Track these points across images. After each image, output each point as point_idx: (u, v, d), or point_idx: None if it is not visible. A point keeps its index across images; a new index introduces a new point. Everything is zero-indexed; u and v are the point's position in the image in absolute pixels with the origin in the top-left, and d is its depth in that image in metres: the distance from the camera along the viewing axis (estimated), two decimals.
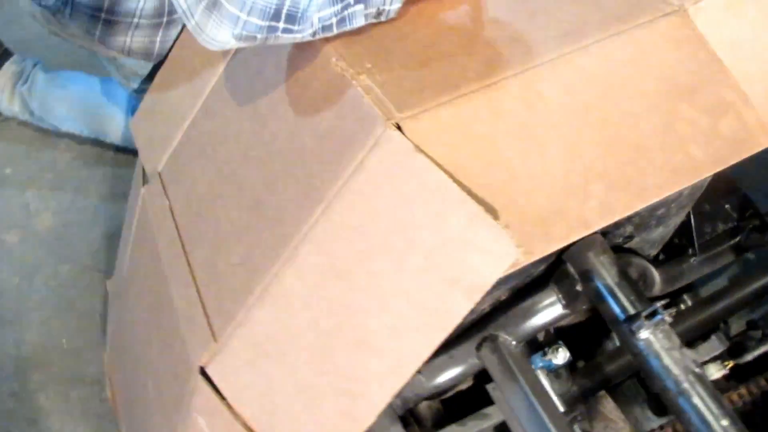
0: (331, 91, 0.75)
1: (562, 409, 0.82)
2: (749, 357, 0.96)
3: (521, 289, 0.91)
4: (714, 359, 0.97)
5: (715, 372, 0.97)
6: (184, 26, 1.12)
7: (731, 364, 0.97)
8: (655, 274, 0.97)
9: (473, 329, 0.91)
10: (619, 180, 0.67)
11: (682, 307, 1.06)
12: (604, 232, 0.90)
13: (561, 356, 0.85)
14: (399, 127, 0.65)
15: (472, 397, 0.99)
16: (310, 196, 0.72)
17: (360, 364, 0.68)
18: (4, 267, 1.52)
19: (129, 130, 1.52)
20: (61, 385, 1.36)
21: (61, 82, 1.54)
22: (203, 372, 0.78)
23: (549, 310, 0.86)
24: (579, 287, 0.79)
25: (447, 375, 0.92)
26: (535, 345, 0.97)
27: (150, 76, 1.21)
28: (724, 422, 0.67)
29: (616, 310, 0.74)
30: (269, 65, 0.86)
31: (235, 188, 0.85)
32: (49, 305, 1.46)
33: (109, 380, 1.32)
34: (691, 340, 0.97)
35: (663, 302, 0.70)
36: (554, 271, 0.88)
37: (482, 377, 0.94)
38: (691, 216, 1.02)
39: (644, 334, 0.69)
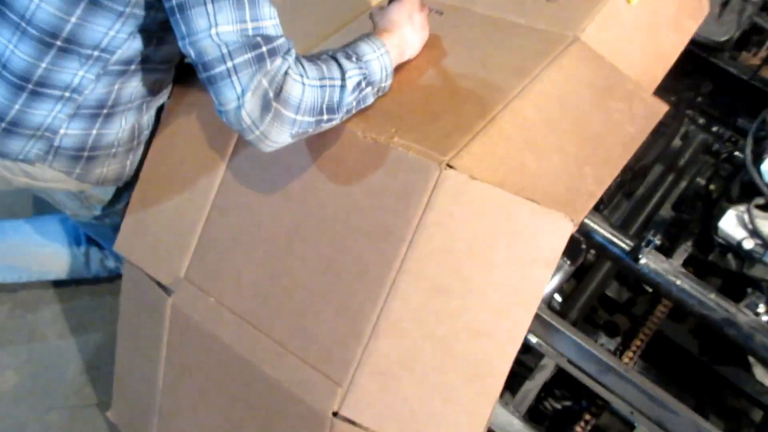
0: (370, 158, 0.93)
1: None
2: None
3: None
4: None
5: None
6: (147, 145, 1.20)
7: None
8: None
9: None
10: (597, 160, 0.94)
11: None
12: None
13: None
14: (450, 166, 0.87)
15: None
16: (388, 240, 0.90)
17: (480, 349, 0.86)
18: None
19: (72, 260, 1.52)
20: None
21: None
22: (335, 415, 0.91)
23: (560, 272, 1.12)
24: (583, 245, 1.06)
25: None
26: None
27: (110, 201, 1.26)
28: (711, 296, 0.98)
29: (617, 250, 1.02)
30: (284, 155, 1.01)
31: (297, 261, 0.98)
32: None
33: None
34: None
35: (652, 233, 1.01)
36: None
37: None
38: None
39: (644, 259, 0.98)
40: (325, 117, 0.88)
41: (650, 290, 1.32)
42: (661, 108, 1.03)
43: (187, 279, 1.11)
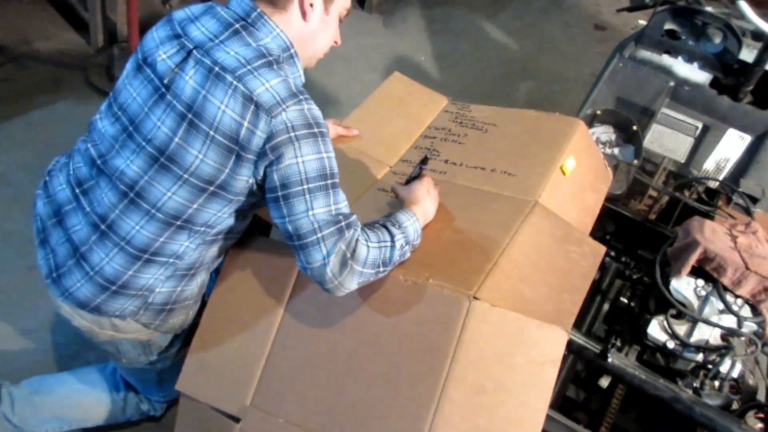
0: (411, 296, 1.26)
1: None
2: None
3: None
4: None
5: None
6: (203, 299, 1.45)
7: None
8: None
9: None
10: (569, 287, 1.32)
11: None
12: None
13: None
14: (476, 298, 1.21)
15: None
16: (435, 355, 1.20)
17: (506, 419, 1.16)
18: None
19: (113, 406, 1.66)
20: None
21: (44, 388, 1.59)
22: None
23: None
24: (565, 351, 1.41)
25: None
26: None
27: (167, 347, 1.47)
28: (661, 381, 1.36)
29: (590, 353, 1.39)
30: (339, 299, 1.31)
31: (358, 379, 1.25)
32: None
33: None
34: None
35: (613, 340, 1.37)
36: None
37: None
38: None
39: (611, 358, 1.34)
40: (381, 269, 1.21)
41: (605, 387, 1.67)
42: (601, 248, 1.46)
43: (254, 405, 1.33)
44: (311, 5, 1.22)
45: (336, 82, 3.58)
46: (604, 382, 1.68)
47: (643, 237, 2.06)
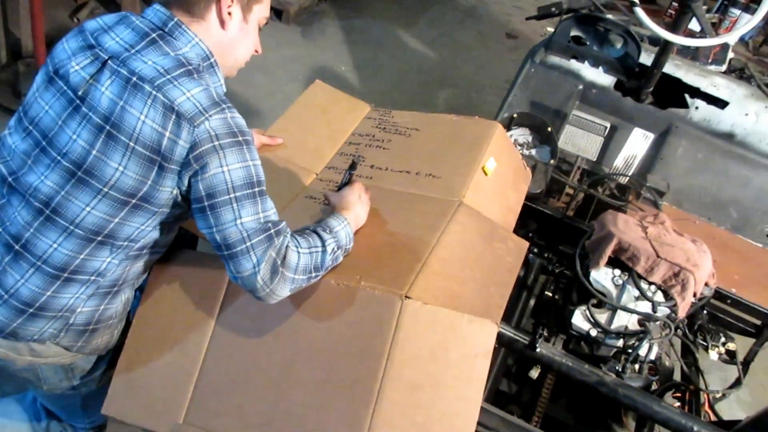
0: (344, 299, 1.26)
1: None
2: None
3: None
4: None
5: None
6: (129, 317, 1.40)
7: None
8: None
9: None
10: (496, 282, 1.37)
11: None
12: None
13: None
14: (408, 297, 1.23)
15: None
16: (371, 356, 1.21)
17: (449, 428, 1.18)
18: None
19: None
20: None
21: None
22: None
23: None
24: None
25: None
26: None
27: (90, 370, 1.41)
28: (586, 366, 1.42)
29: (520, 344, 1.43)
30: (270, 307, 1.30)
31: (295, 386, 1.24)
32: None
33: None
34: None
35: (540, 330, 1.43)
36: None
37: None
38: None
39: (539, 348, 1.40)
40: (313, 274, 1.21)
41: (535, 378, 1.73)
42: (525, 244, 1.52)
43: (187, 423, 1.29)
44: (229, 14, 1.21)
45: (257, 94, 3.55)
46: (534, 373, 1.75)
47: (563, 233, 2.15)
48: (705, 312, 1.94)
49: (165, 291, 1.41)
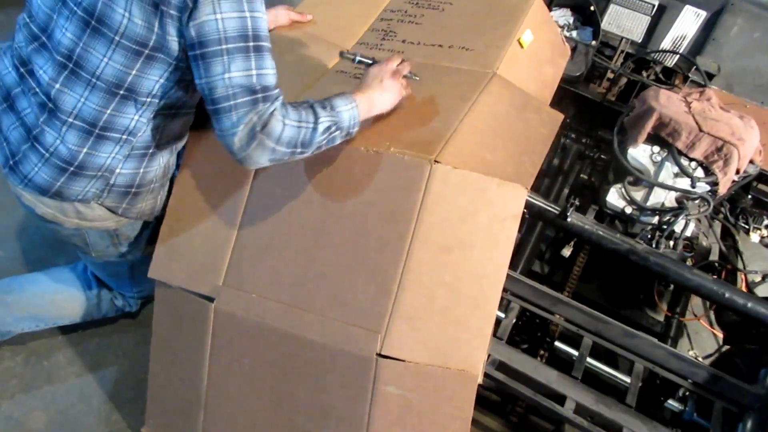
0: (374, 165, 1.27)
1: None
2: None
3: None
4: None
5: None
6: (171, 182, 1.44)
7: None
8: None
9: None
10: (528, 151, 1.35)
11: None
12: None
13: None
14: (437, 161, 1.22)
15: None
16: (400, 219, 1.22)
17: (477, 287, 1.20)
18: None
19: (87, 303, 1.67)
20: None
21: (16, 288, 1.59)
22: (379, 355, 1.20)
23: None
24: (526, 214, 1.45)
25: None
26: None
27: (136, 237, 1.47)
28: (618, 236, 1.41)
29: (551, 214, 1.43)
30: (301, 174, 1.32)
31: (327, 249, 1.27)
32: None
33: None
34: None
35: (572, 199, 1.42)
36: None
37: None
38: None
39: (570, 218, 1.39)
40: (299, 149, 1.17)
41: (567, 256, 1.74)
42: (559, 116, 1.48)
43: (226, 285, 1.35)
44: None
45: None
46: (567, 251, 1.75)
47: (602, 117, 2.09)
48: (750, 196, 1.88)
49: (202, 160, 1.44)
